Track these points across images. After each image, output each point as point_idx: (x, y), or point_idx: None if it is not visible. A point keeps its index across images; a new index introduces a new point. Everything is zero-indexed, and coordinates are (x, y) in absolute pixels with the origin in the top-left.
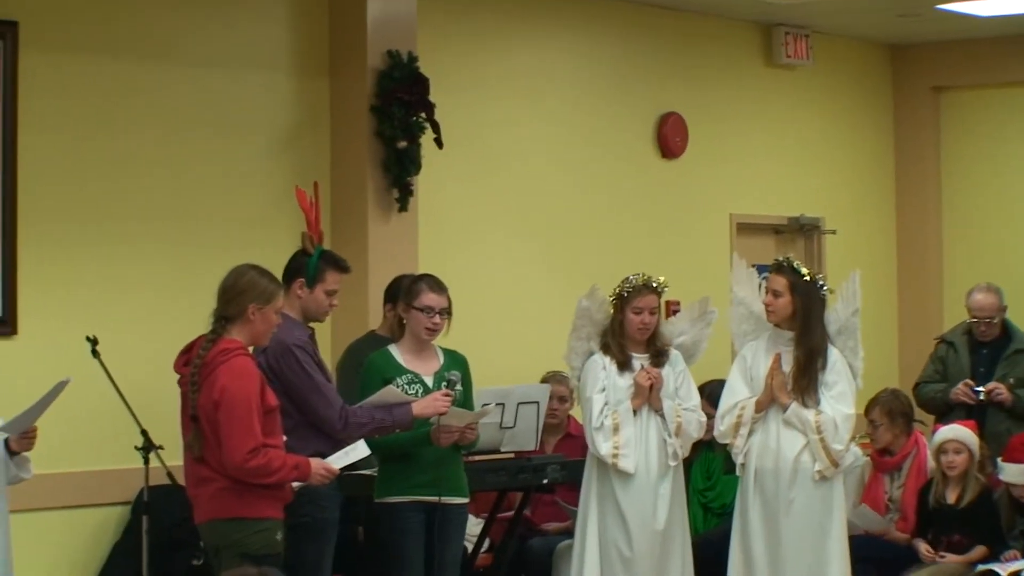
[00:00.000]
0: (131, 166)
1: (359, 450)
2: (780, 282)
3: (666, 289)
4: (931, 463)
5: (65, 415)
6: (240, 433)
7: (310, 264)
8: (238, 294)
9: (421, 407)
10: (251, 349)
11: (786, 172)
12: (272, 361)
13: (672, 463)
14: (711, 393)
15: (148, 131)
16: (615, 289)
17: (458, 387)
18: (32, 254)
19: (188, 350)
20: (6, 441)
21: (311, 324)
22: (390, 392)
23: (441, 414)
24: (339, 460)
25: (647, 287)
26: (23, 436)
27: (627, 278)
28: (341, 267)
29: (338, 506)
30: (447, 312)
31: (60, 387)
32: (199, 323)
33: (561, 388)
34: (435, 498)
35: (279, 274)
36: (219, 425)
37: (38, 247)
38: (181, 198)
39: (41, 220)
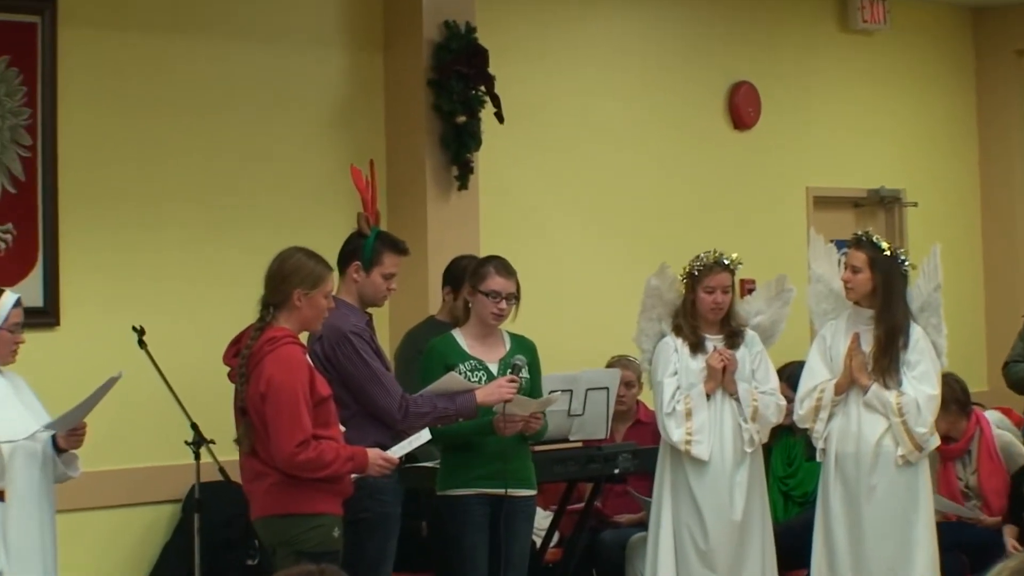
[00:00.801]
0: (178, 146)
1: (421, 436)
2: (859, 257)
3: (740, 267)
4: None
5: (111, 409)
6: (288, 425)
7: (366, 246)
8: (283, 279)
9: (485, 394)
10: (306, 337)
11: (864, 142)
12: (328, 349)
13: (748, 449)
14: (791, 375)
15: (194, 109)
16: (685, 267)
17: (524, 373)
18: (75, 240)
19: (237, 341)
20: (54, 438)
21: (369, 310)
22: (452, 379)
23: (507, 401)
24: (400, 449)
25: (719, 264)
26: (71, 433)
27: (698, 256)
28: (399, 249)
29: (399, 500)
30: (515, 297)
31: (111, 383)
32: (250, 311)
33: (628, 373)
34: (501, 490)
35: (334, 258)
36: (267, 417)
37: (81, 232)
38: (230, 179)
39: (84, 204)
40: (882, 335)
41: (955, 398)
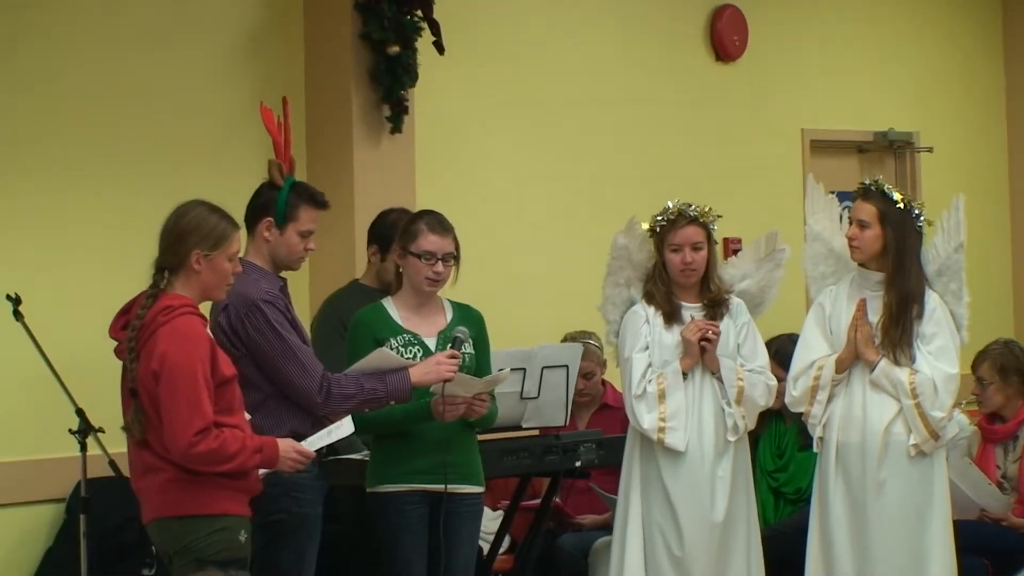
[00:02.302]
0: (59, 81)
1: (343, 428)
2: (868, 210)
3: (716, 220)
4: None
5: None
6: (184, 411)
7: (279, 199)
8: (179, 238)
9: (421, 373)
10: (208, 308)
11: (870, 77)
12: (234, 320)
13: (732, 438)
14: (780, 351)
15: (80, 37)
16: (649, 223)
17: (467, 348)
18: None
19: (127, 311)
20: None
21: (283, 274)
22: (383, 356)
23: (446, 380)
24: (317, 441)
25: (683, 216)
26: None
27: (663, 208)
28: (318, 202)
29: (321, 499)
30: (453, 257)
31: None
32: (146, 276)
33: (587, 364)
34: (440, 486)
35: (242, 212)
36: (160, 401)
37: None
38: (122, 119)
39: None
40: (893, 302)
41: (1018, 368)
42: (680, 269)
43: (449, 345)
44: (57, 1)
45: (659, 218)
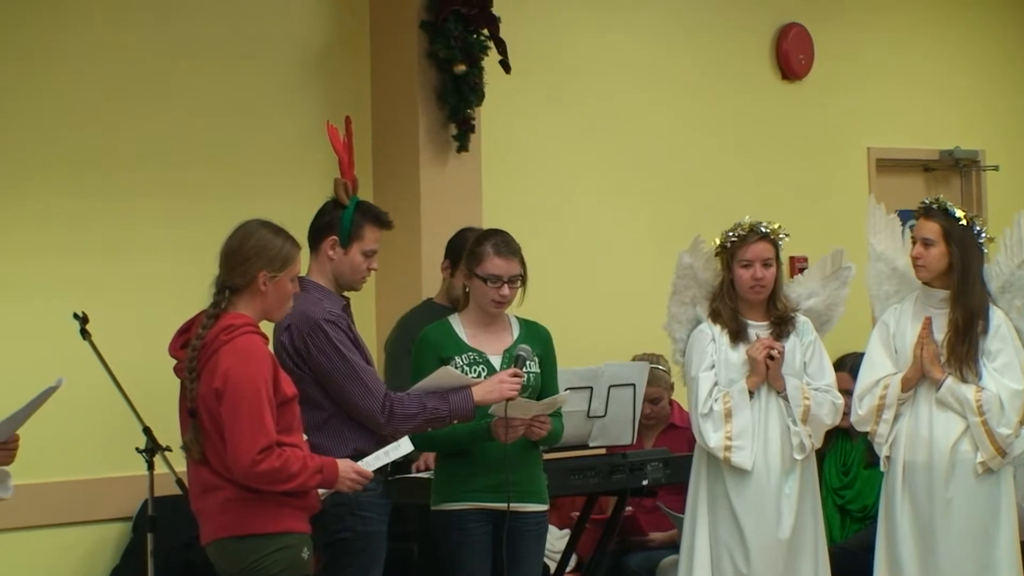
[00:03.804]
0: (126, 101)
1: (401, 447)
2: (931, 228)
3: (784, 238)
4: None
5: (49, 411)
6: (248, 429)
7: (344, 218)
8: (244, 259)
9: (484, 391)
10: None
11: (936, 96)
12: (298, 340)
13: (798, 456)
14: (855, 367)
15: (147, 58)
16: (718, 240)
17: (531, 366)
18: (1, 212)
19: (186, 329)
20: None
21: (345, 293)
22: (446, 374)
23: (509, 399)
24: (376, 460)
25: (755, 232)
26: (2, 447)
27: (733, 226)
28: (382, 221)
29: (386, 517)
30: (519, 279)
31: (49, 392)
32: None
33: (654, 389)
34: (503, 504)
35: (304, 231)
36: (223, 420)
37: (8, 204)
38: (188, 140)
39: (10, 170)
40: (959, 319)
41: None
42: (750, 285)
43: (512, 364)
44: (123, 20)
45: (730, 234)
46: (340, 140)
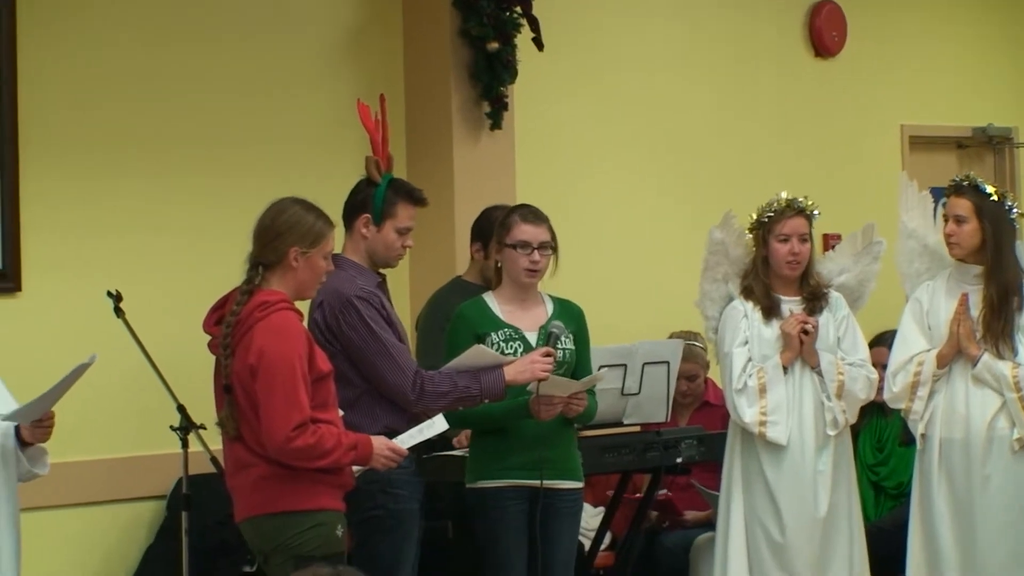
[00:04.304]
0: (160, 82)
1: (435, 425)
2: (963, 205)
3: (816, 213)
4: None
5: (83, 390)
6: (282, 405)
7: (377, 196)
8: (276, 235)
9: (515, 371)
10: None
11: (969, 73)
12: (329, 317)
13: (832, 432)
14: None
15: (179, 39)
16: (752, 216)
17: (564, 343)
18: (38, 192)
19: (220, 305)
20: (17, 430)
21: (380, 271)
22: (480, 352)
23: (541, 380)
24: (410, 438)
25: (791, 207)
26: (37, 424)
27: (771, 199)
28: (416, 198)
29: (419, 495)
30: (549, 247)
31: (82, 368)
32: (243, 273)
33: (690, 365)
34: (536, 482)
35: (338, 210)
36: (257, 396)
37: (46, 183)
38: (221, 119)
39: (48, 151)
40: (994, 295)
41: None
42: (787, 260)
43: (544, 342)
44: (157, 7)
45: (766, 209)
46: (372, 119)
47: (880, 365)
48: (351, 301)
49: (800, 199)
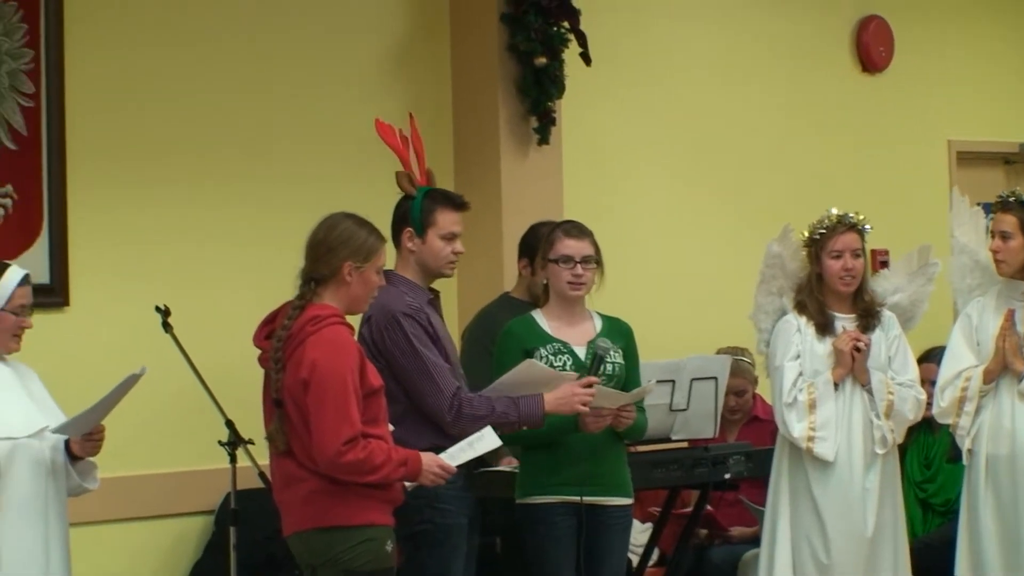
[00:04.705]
0: (208, 86)
1: (485, 441)
2: (1009, 221)
3: (868, 228)
4: None
5: (131, 405)
6: (333, 419)
7: (414, 207)
8: (329, 250)
9: (555, 400)
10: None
11: (1016, 88)
12: (375, 333)
13: (880, 450)
14: (940, 360)
15: (230, 50)
16: (805, 233)
17: (613, 357)
18: (86, 204)
19: (271, 319)
20: (67, 444)
21: (434, 286)
22: (531, 367)
23: (580, 412)
24: (459, 455)
25: (842, 223)
26: (87, 438)
27: (823, 215)
28: (454, 203)
29: (467, 509)
30: (593, 260)
31: (131, 381)
32: (293, 287)
33: (738, 380)
34: (588, 498)
35: (386, 221)
36: (308, 410)
37: (94, 195)
38: (271, 126)
39: (97, 161)
40: None
41: None
42: (840, 276)
43: (589, 362)
44: (205, 13)
45: (818, 225)
46: (396, 135)
47: (928, 381)
48: (396, 317)
49: (851, 214)
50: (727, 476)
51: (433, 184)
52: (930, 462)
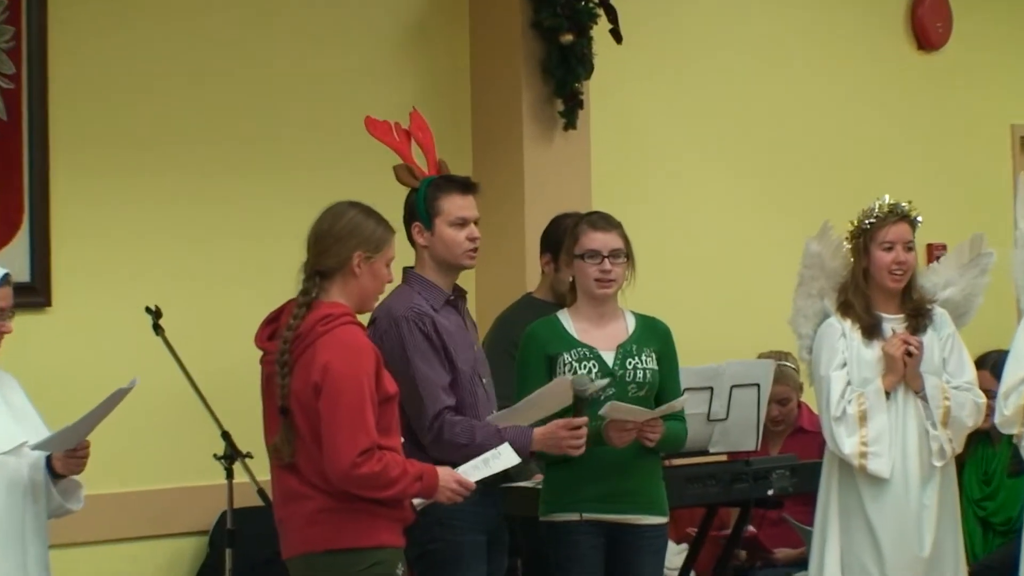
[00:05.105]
0: (202, 72)
1: (503, 457)
2: None
3: (919, 220)
4: None
5: (119, 416)
6: (348, 428)
7: (418, 199)
8: (337, 240)
9: (543, 438)
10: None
11: None
12: (377, 338)
13: (938, 463)
14: (998, 365)
15: (228, 26)
16: (852, 223)
17: (604, 391)
18: (70, 196)
19: (274, 318)
20: (48, 460)
21: (460, 283)
22: (560, 386)
23: (566, 456)
24: (474, 472)
25: (894, 212)
26: (70, 454)
27: (872, 205)
28: (459, 185)
29: (483, 525)
30: (622, 254)
31: (120, 394)
32: (293, 285)
33: (781, 388)
34: (616, 516)
35: (396, 215)
36: (320, 417)
37: (79, 186)
38: (271, 114)
39: (82, 149)
40: None
41: None
42: (891, 270)
43: (575, 404)
44: None
45: (867, 215)
46: (391, 131)
47: (985, 390)
48: (396, 320)
49: (904, 204)
50: (770, 492)
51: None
52: (990, 477)
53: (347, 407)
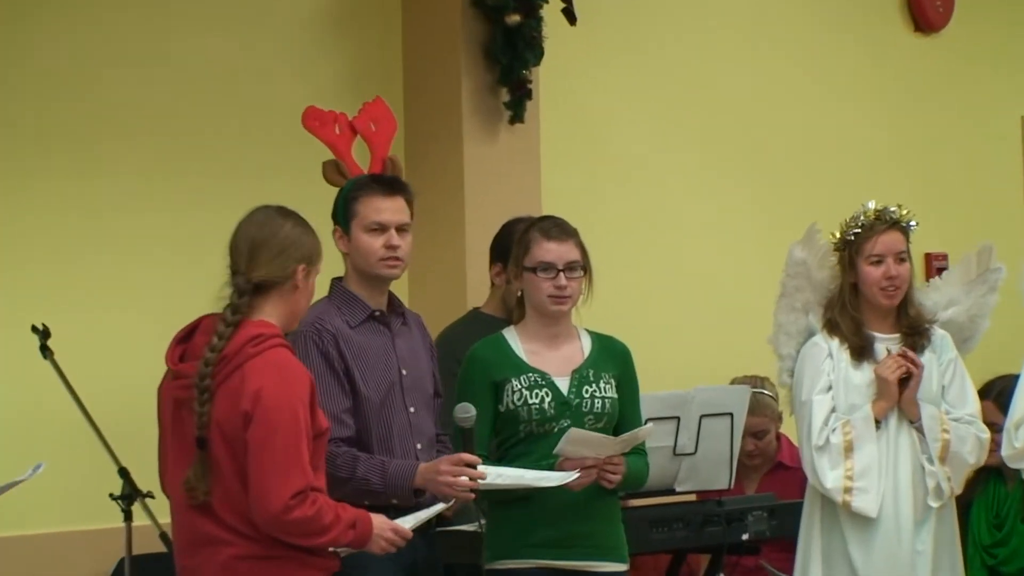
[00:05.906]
0: (105, 62)
1: (439, 501)
2: None
3: (913, 225)
4: None
5: (3, 450)
6: (282, 464)
7: (337, 201)
8: (281, 251)
9: (424, 475)
10: None
11: None
12: None
13: (934, 503)
14: (1004, 393)
15: (128, 10)
16: (836, 233)
17: (598, 396)
18: None
19: (187, 336)
20: None
21: (389, 300)
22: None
23: (463, 499)
24: (413, 518)
25: (882, 220)
26: None
27: (854, 214)
28: (383, 185)
29: (395, 566)
30: (579, 267)
31: (18, 483)
32: (200, 303)
33: (757, 420)
34: (570, 563)
35: (321, 219)
36: (248, 450)
37: None
38: (173, 108)
39: None
40: None
41: None
42: (882, 286)
43: (459, 440)
44: None
45: (852, 223)
46: (331, 123)
47: (988, 423)
48: (296, 337)
49: (893, 208)
50: (745, 536)
51: (397, 175)
52: (1002, 521)
53: (282, 441)
